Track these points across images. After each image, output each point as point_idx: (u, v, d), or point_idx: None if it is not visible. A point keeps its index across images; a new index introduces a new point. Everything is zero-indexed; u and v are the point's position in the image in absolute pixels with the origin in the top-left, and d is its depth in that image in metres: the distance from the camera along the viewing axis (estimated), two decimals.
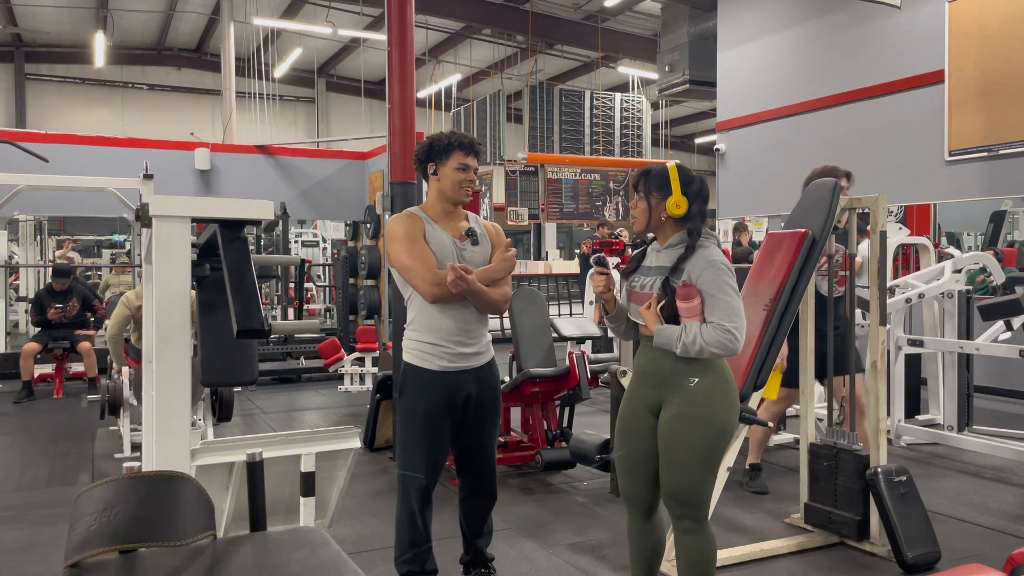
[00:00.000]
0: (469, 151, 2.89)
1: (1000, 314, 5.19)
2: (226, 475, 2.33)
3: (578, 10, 15.25)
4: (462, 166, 2.87)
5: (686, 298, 2.46)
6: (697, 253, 2.51)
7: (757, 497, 4.41)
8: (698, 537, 2.55)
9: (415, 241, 2.82)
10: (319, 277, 14.02)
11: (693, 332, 2.43)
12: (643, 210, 2.59)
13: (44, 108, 18.24)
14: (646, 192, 2.58)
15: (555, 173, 13.34)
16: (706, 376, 2.49)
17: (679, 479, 2.50)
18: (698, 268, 2.48)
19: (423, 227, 2.87)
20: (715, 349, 2.42)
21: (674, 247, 2.58)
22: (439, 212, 2.93)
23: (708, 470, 2.50)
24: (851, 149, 8.32)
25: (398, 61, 5.38)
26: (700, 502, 2.53)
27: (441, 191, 2.91)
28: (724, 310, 2.43)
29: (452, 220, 2.94)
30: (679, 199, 2.52)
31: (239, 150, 10.52)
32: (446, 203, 2.92)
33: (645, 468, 2.61)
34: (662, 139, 19.62)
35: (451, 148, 2.87)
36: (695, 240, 2.53)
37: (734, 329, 2.41)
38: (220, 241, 2.28)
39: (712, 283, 2.45)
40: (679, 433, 2.48)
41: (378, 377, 5.58)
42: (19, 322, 12.22)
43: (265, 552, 1.65)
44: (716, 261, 2.48)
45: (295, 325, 4.72)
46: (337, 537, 1.80)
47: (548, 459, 4.72)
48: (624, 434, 2.66)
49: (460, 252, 2.89)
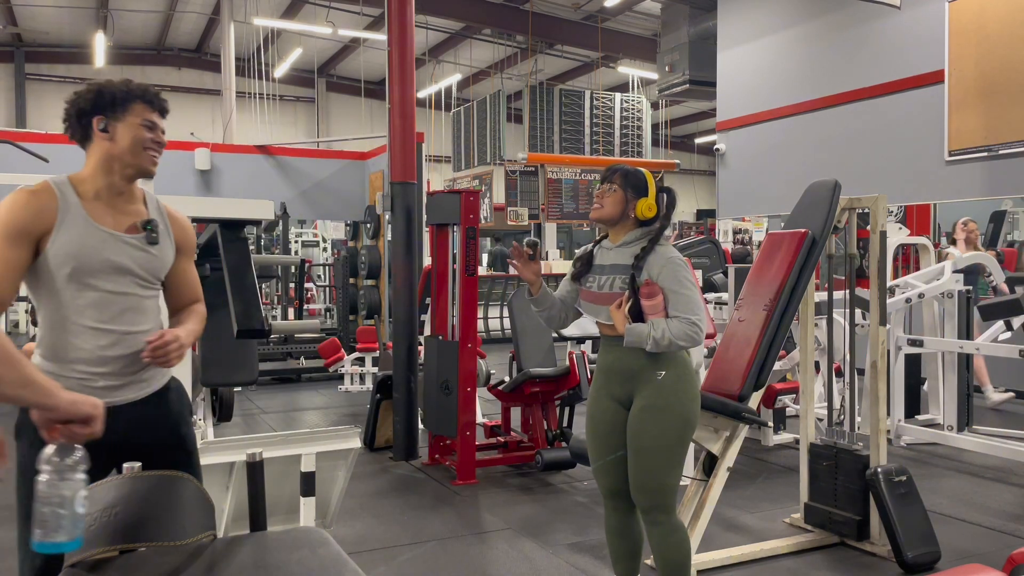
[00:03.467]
0: (155, 106, 2.07)
1: (1000, 314, 5.19)
2: (226, 475, 2.33)
3: (578, 10, 15.24)
4: (148, 123, 2.03)
5: (649, 296, 2.56)
6: (654, 253, 2.61)
7: (757, 497, 4.41)
8: (667, 528, 2.63)
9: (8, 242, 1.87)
10: (319, 277, 14.03)
11: (661, 328, 2.52)
12: (617, 200, 2.67)
13: (44, 108, 18.24)
14: (623, 186, 2.67)
15: (555, 173, 13.33)
16: (672, 369, 2.59)
17: (647, 468, 2.58)
18: (657, 266, 2.58)
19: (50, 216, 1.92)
20: (682, 342, 2.52)
21: (628, 245, 2.67)
22: (102, 188, 2.00)
23: (674, 459, 2.60)
24: (851, 149, 8.33)
25: (398, 61, 5.38)
26: (667, 491, 2.60)
27: (113, 156, 1.99)
28: (686, 304, 2.54)
29: (122, 202, 2.02)
30: (652, 203, 2.66)
31: (239, 150, 10.51)
32: (116, 176, 2.00)
33: (620, 462, 2.67)
34: (662, 139, 19.61)
35: (131, 98, 2.04)
36: (656, 241, 2.64)
37: (698, 321, 2.53)
38: (220, 241, 2.28)
39: (672, 279, 2.56)
40: (648, 423, 2.57)
41: (378, 377, 5.58)
42: (19, 322, 12.23)
43: (265, 552, 1.65)
44: (674, 258, 2.60)
45: (295, 325, 4.72)
46: (337, 537, 1.80)
47: (548, 459, 4.72)
48: (596, 431, 2.72)
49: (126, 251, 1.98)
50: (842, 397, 4.71)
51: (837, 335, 4.48)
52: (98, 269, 1.93)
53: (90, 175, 2.01)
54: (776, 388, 5.36)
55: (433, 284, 5.16)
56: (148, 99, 2.06)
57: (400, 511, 4.26)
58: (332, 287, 12.74)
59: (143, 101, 2.05)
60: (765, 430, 5.52)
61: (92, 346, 1.93)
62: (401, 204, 5.36)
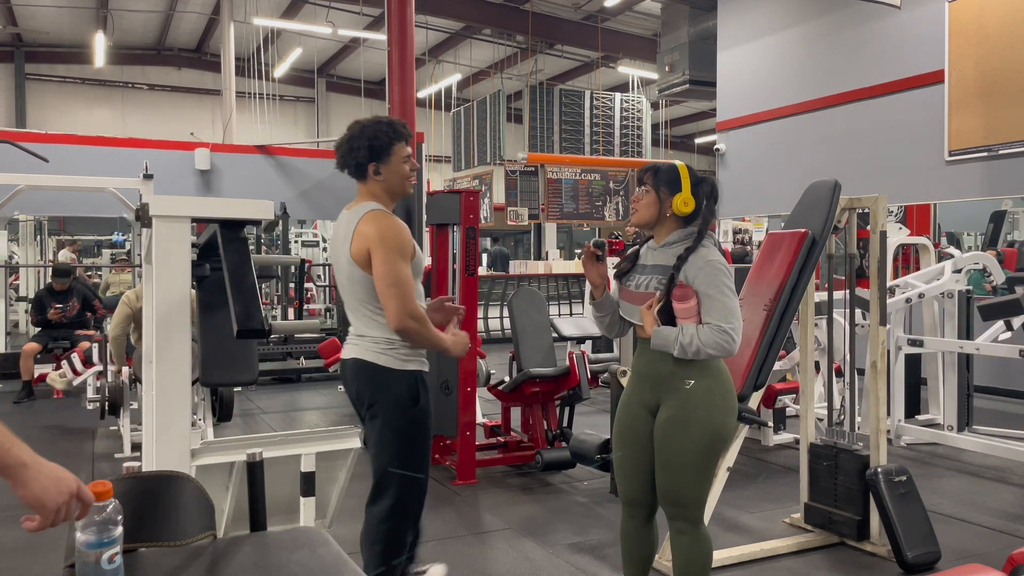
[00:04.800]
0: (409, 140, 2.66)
1: (1000, 314, 5.19)
2: (226, 475, 2.33)
3: (578, 10, 15.25)
4: (407, 157, 2.66)
5: (682, 299, 2.44)
6: (696, 253, 2.47)
7: (757, 497, 4.41)
8: (692, 538, 2.54)
9: (409, 269, 2.56)
10: (319, 277, 14.02)
11: (690, 333, 2.41)
12: (651, 202, 2.55)
13: (44, 108, 18.24)
14: (655, 186, 2.55)
15: (555, 173, 13.32)
16: (702, 379, 2.46)
17: (673, 481, 2.49)
18: (695, 268, 2.44)
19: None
20: (712, 350, 2.39)
21: (671, 245, 2.55)
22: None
23: (702, 473, 2.49)
24: (851, 149, 8.33)
25: (398, 61, 5.39)
26: (694, 504, 2.52)
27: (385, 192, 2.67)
28: (721, 311, 2.40)
29: None
30: (688, 197, 2.51)
31: (239, 150, 10.51)
32: (392, 202, 2.68)
33: (644, 471, 2.59)
34: (662, 139, 19.61)
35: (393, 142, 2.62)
36: (698, 241, 2.50)
37: (731, 330, 2.39)
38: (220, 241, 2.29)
39: (709, 283, 2.42)
40: (673, 435, 2.47)
41: None
42: (19, 322, 12.21)
43: (265, 552, 1.65)
44: (714, 261, 2.44)
45: (295, 325, 4.72)
46: (337, 537, 1.80)
47: (548, 459, 4.72)
48: (622, 437, 2.65)
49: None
50: (842, 397, 4.71)
51: (837, 335, 4.48)
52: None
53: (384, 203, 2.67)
54: (776, 388, 5.35)
55: (433, 284, 5.16)
56: (404, 138, 2.62)
57: None
58: (332, 287, 12.73)
59: (402, 141, 2.60)
60: (765, 430, 5.52)
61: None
62: (401, 204, 5.34)
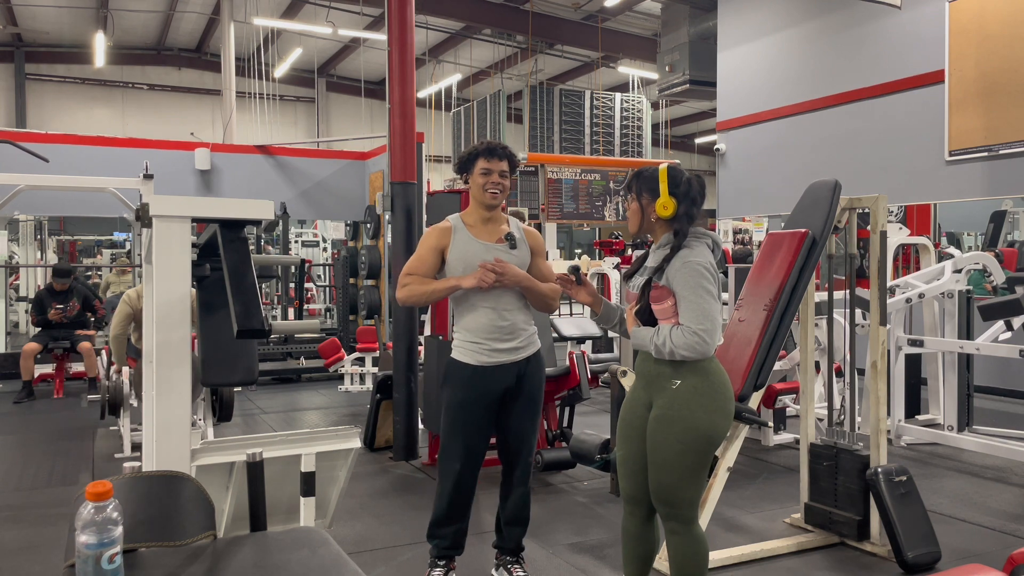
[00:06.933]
0: (490, 155, 3.05)
1: (1000, 314, 5.19)
2: (226, 475, 2.33)
3: (578, 10, 15.24)
4: (485, 171, 3.04)
5: (658, 300, 2.48)
6: (678, 254, 2.48)
7: (757, 497, 4.41)
8: (684, 538, 2.54)
9: (423, 249, 3.07)
10: (319, 277, 14.03)
11: (663, 334, 2.44)
12: (635, 211, 2.61)
13: (44, 108, 18.22)
14: (638, 193, 2.60)
15: (555, 173, 13.31)
16: (689, 378, 2.46)
17: (661, 480, 2.50)
18: (674, 269, 2.46)
19: (447, 238, 3.05)
20: (684, 351, 2.40)
21: (663, 247, 2.57)
22: (476, 219, 3.09)
23: (690, 472, 2.47)
24: (851, 149, 8.33)
25: (398, 61, 5.38)
26: (684, 504, 2.51)
27: (472, 197, 3.11)
28: (693, 312, 2.41)
29: (490, 225, 3.10)
30: (666, 200, 2.51)
31: (239, 150, 10.52)
32: (480, 208, 3.08)
33: (644, 468, 2.60)
34: (662, 139, 19.61)
35: (473, 157, 3.07)
36: (680, 241, 2.51)
37: (702, 331, 2.39)
38: (220, 241, 2.28)
39: (684, 284, 2.43)
40: (659, 434, 2.48)
41: (378, 377, 5.58)
42: (19, 322, 12.22)
43: (265, 552, 1.65)
44: (692, 263, 2.44)
45: (295, 325, 4.72)
46: (337, 537, 1.80)
47: (548, 459, 4.72)
48: (624, 434, 2.67)
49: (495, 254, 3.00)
50: (842, 397, 4.71)
51: (837, 335, 4.48)
52: (473, 266, 2.95)
53: (470, 210, 3.12)
54: (776, 388, 5.36)
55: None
56: (482, 154, 3.05)
57: (400, 511, 4.26)
58: (332, 287, 12.74)
59: (481, 156, 3.04)
60: (765, 430, 5.52)
61: (486, 320, 2.97)
62: (401, 204, 5.36)
